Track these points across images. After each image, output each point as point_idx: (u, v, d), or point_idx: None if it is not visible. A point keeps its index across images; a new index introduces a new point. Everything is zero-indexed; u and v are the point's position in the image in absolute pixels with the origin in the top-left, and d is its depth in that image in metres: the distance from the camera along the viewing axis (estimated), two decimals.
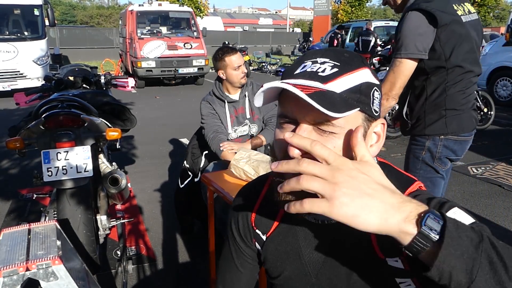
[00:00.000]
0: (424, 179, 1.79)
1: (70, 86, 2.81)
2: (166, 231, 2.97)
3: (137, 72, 10.12)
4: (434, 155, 1.77)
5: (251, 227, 0.91)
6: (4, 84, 8.62)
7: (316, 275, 0.81)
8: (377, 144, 0.72)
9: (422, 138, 1.79)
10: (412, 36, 1.63)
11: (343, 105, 0.63)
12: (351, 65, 0.68)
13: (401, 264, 0.70)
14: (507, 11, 30.86)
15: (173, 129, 6.14)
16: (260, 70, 14.86)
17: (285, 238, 0.84)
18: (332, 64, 0.67)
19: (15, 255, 1.13)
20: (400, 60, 1.67)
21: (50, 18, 8.96)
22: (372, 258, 0.72)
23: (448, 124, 1.73)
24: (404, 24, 1.66)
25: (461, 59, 1.67)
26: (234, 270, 0.98)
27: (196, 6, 20.11)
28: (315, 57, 0.70)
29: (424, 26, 1.62)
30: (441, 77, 1.70)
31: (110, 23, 39.03)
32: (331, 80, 0.65)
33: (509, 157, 4.58)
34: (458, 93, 1.72)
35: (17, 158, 4.61)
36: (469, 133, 1.78)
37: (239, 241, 0.95)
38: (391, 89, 1.69)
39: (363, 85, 0.67)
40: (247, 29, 40.15)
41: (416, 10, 1.64)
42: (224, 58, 2.41)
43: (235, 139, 2.53)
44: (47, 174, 1.90)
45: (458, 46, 1.66)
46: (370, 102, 0.68)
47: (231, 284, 1.00)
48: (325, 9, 20.07)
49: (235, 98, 2.51)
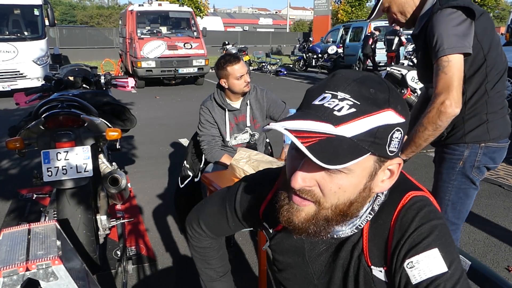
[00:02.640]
0: (458, 190, 1.67)
1: (70, 86, 2.81)
2: (166, 231, 2.97)
3: (137, 72, 10.12)
4: (472, 164, 1.62)
5: (258, 219, 0.93)
6: (4, 84, 8.62)
7: (318, 277, 0.85)
8: (389, 180, 0.72)
9: (460, 147, 1.63)
10: (451, 32, 1.46)
11: (350, 153, 0.62)
12: (373, 105, 0.65)
13: (384, 276, 0.74)
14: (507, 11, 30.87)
15: (173, 129, 6.14)
16: (260, 70, 14.86)
17: (291, 236, 0.85)
18: (351, 103, 0.64)
19: (15, 255, 1.13)
20: (447, 58, 1.46)
21: (50, 18, 8.96)
22: (362, 266, 0.76)
23: (490, 130, 1.59)
24: (437, 22, 1.49)
25: (497, 55, 1.56)
26: (224, 226, 1.02)
27: (196, 6, 20.10)
28: (337, 89, 0.66)
29: (462, 19, 1.47)
30: (481, 76, 1.55)
31: (110, 23, 39.04)
32: (345, 122, 0.63)
33: (509, 157, 4.57)
34: (498, 94, 1.59)
35: (17, 158, 4.61)
36: (506, 140, 1.65)
37: (240, 219, 0.98)
38: (450, 92, 1.45)
39: (380, 128, 0.64)
40: (247, 29, 40.18)
41: (446, 7, 1.48)
42: (226, 67, 2.32)
43: (235, 145, 2.52)
44: (47, 174, 1.90)
45: (493, 41, 1.54)
46: (385, 144, 0.66)
47: (217, 229, 1.05)
48: (325, 9, 20.06)
49: (237, 106, 2.45)
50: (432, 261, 0.67)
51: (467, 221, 3.03)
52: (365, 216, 0.75)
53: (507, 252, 2.63)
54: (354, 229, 0.76)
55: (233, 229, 1.03)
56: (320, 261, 0.83)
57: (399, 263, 0.70)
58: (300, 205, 0.69)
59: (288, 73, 13.90)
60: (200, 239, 1.08)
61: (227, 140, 2.47)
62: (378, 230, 0.75)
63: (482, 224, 3.00)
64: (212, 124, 2.44)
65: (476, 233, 2.87)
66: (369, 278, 0.75)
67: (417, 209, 0.73)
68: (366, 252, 0.75)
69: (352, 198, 0.68)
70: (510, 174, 4.07)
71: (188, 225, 1.10)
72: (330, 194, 0.67)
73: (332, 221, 0.69)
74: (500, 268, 2.46)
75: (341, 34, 15.23)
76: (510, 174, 4.07)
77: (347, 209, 0.69)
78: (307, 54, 14.86)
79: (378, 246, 0.75)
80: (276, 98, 2.55)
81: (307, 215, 0.69)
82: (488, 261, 2.54)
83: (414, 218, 0.72)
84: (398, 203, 0.75)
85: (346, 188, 0.67)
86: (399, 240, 0.71)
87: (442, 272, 0.66)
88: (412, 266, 0.68)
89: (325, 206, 0.68)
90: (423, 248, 0.68)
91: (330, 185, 0.66)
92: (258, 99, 2.49)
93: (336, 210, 0.68)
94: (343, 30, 15.27)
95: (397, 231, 0.72)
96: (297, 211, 0.70)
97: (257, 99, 2.49)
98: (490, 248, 2.68)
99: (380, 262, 0.74)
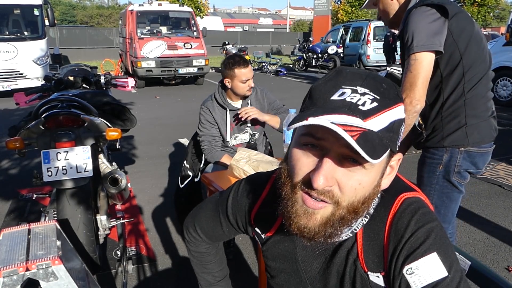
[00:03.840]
0: (440, 194, 1.65)
1: (70, 86, 2.81)
2: (166, 231, 2.97)
3: (137, 72, 10.12)
4: (453, 168, 1.60)
5: (250, 223, 0.92)
6: (4, 84, 8.62)
7: (312, 283, 0.83)
8: (389, 176, 0.72)
9: (439, 151, 1.62)
10: (423, 29, 1.46)
11: (381, 148, 0.61)
12: (389, 99, 0.65)
13: (381, 281, 0.73)
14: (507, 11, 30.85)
15: (173, 129, 6.14)
16: (260, 70, 14.86)
17: (283, 242, 0.84)
18: (372, 97, 0.64)
19: (15, 255, 1.13)
20: (414, 56, 1.48)
21: (50, 18, 8.95)
22: (358, 272, 0.74)
23: (469, 134, 1.56)
24: (411, 20, 1.50)
25: (477, 56, 1.54)
26: (219, 231, 1.01)
27: (196, 6, 20.09)
28: (355, 84, 0.65)
29: (435, 17, 1.48)
30: (458, 76, 1.53)
31: (110, 23, 39.03)
32: (371, 116, 0.62)
33: (509, 157, 4.58)
34: (477, 96, 1.56)
35: (17, 158, 4.61)
36: (490, 144, 1.63)
37: (233, 224, 0.97)
38: (412, 90, 1.47)
39: (396, 123, 0.65)
40: (247, 29, 40.18)
41: (421, 5, 1.50)
42: (234, 69, 2.31)
43: (235, 145, 2.52)
44: (47, 174, 1.90)
45: (472, 41, 1.52)
46: (397, 139, 0.67)
47: (212, 234, 1.04)
48: (325, 9, 20.06)
49: (237, 106, 2.45)
50: (432, 266, 0.66)
51: (467, 221, 3.03)
52: (361, 220, 0.73)
53: (507, 252, 2.63)
54: (349, 233, 0.74)
55: (227, 234, 1.02)
56: (313, 267, 0.81)
57: (398, 269, 0.69)
58: (316, 208, 0.66)
59: (288, 73, 13.90)
60: (197, 243, 1.07)
61: (227, 140, 2.47)
62: (372, 235, 0.74)
63: (482, 224, 3.00)
64: (212, 124, 2.44)
65: (476, 233, 2.87)
66: (366, 284, 0.74)
67: (412, 212, 0.72)
68: (361, 258, 0.74)
69: (367, 195, 0.67)
70: (510, 174, 4.07)
71: (185, 230, 1.09)
72: (350, 192, 0.65)
73: (347, 220, 0.67)
74: (500, 268, 2.46)
75: (341, 34, 15.23)
76: (510, 174, 4.07)
77: (360, 207, 0.67)
78: (307, 54, 14.86)
79: (373, 251, 0.73)
80: (274, 99, 2.57)
81: (323, 218, 0.66)
82: (488, 261, 2.54)
83: (409, 222, 0.70)
84: (391, 206, 0.73)
85: (365, 184, 0.65)
86: (396, 245, 0.70)
87: (443, 277, 0.65)
88: (411, 273, 0.67)
89: (342, 206, 0.66)
90: (422, 253, 0.67)
91: (350, 182, 0.64)
92: (258, 99, 2.49)
93: (350, 208, 0.66)
94: (343, 30, 15.27)
95: (393, 236, 0.71)
96: (311, 215, 0.66)
97: (257, 99, 2.49)
98: (490, 248, 2.68)
99: (377, 268, 0.73)
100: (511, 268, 2.44)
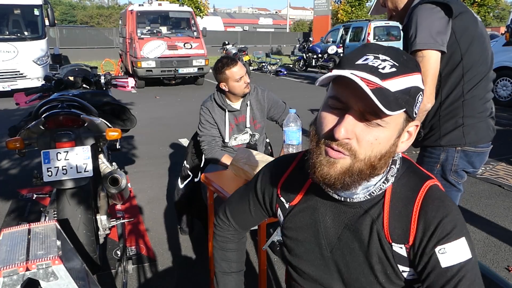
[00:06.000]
0: None
1: (70, 86, 2.81)
2: (166, 231, 2.97)
3: (137, 72, 10.11)
4: (450, 167, 1.62)
5: (276, 194, 0.99)
6: (4, 84, 8.62)
7: (331, 250, 0.88)
8: (407, 141, 0.81)
9: (436, 150, 1.63)
10: (427, 26, 1.47)
11: (395, 104, 0.70)
12: (408, 67, 0.74)
13: (404, 251, 0.81)
14: (507, 11, 30.88)
15: (173, 129, 6.14)
16: (260, 70, 14.85)
17: (306, 210, 0.92)
18: (391, 64, 0.73)
19: (15, 255, 1.13)
20: (422, 53, 1.47)
21: (50, 18, 8.95)
22: (383, 241, 0.82)
23: (466, 134, 1.57)
24: (415, 16, 1.50)
25: (478, 57, 1.54)
26: (246, 211, 1.08)
27: (196, 6, 20.10)
28: (378, 52, 0.75)
29: (439, 16, 1.47)
30: (457, 77, 1.54)
31: (110, 23, 39.03)
32: (389, 78, 0.71)
33: (509, 157, 4.58)
34: (476, 97, 1.56)
35: (17, 158, 4.61)
36: (487, 144, 1.63)
37: (260, 199, 1.04)
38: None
39: (413, 89, 0.73)
40: (247, 29, 40.18)
41: (426, 2, 1.50)
42: (224, 71, 2.31)
43: (236, 146, 2.52)
44: (47, 174, 1.90)
45: (474, 41, 1.52)
46: (414, 105, 0.75)
47: (239, 217, 1.11)
48: (325, 9, 20.06)
49: (237, 107, 2.45)
50: (461, 249, 0.77)
51: (467, 221, 3.03)
52: (379, 184, 0.82)
53: (507, 252, 2.63)
54: (368, 195, 0.82)
55: (254, 216, 1.08)
56: (335, 234, 0.87)
57: (430, 247, 0.78)
58: (336, 158, 0.75)
59: (288, 73, 13.89)
60: (224, 227, 1.14)
61: (227, 141, 2.47)
62: (400, 211, 0.82)
63: (482, 224, 3.00)
64: (212, 125, 2.44)
65: (476, 233, 2.87)
66: (389, 253, 0.82)
67: (440, 199, 0.80)
68: (386, 229, 0.81)
69: (383, 151, 0.75)
70: (510, 174, 4.07)
71: (216, 215, 1.17)
72: (367, 146, 0.73)
73: (365, 174, 0.75)
74: (500, 268, 2.46)
75: (341, 34, 15.23)
76: (510, 174, 4.07)
77: (377, 162, 0.75)
78: (307, 54, 14.86)
79: (400, 225, 0.81)
80: (277, 99, 2.56)
81: (342, 168, 0.75)
82: (488, 261, 2.54)
83: (439, 207, 0.79)
84: (419, 190, 0.82)
85: (381, 140, 0.74)
86: (427, 226, 0.78)
87: (468, 258, 0.76)
88: (444, 252, 0.77)
89: (359, 158, 0.74)
90: (455, 236, 0.77)
91: (368, 136, 0.73)
92: (258, 100, 2.49)
93: (368, 162, 0.74)
94: (343, 30, 15.27)
95: (423, 217, 0.79)
96: (333, 164, 0.75)
97: (257, 99, 2.49)
98: (490, 248, 2.68)
99: (400, 240, 0.81)
100: (511, 268, 2.44)
